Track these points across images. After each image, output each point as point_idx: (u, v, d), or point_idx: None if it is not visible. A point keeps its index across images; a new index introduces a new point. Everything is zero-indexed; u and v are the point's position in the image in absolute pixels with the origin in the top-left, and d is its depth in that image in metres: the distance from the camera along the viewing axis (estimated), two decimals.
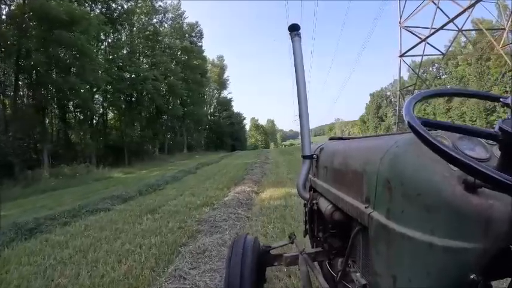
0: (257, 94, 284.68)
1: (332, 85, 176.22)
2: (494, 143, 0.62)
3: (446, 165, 0.63)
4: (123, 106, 21.62)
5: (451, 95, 0.81)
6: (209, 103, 48.23)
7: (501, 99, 0.64)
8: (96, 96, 19.48)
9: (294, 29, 1.49)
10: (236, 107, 78.27)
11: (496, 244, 0.58)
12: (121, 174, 15.07)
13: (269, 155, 18.77)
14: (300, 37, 1.52)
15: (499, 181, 0.46)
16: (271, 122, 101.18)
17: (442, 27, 17.55)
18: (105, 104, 20.13)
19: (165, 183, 8.23)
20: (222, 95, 50.97)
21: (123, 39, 22.97)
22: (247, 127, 68.02)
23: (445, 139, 0.70)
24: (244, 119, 57.23)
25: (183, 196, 6.09)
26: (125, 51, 22.31)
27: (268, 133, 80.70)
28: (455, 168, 0.62)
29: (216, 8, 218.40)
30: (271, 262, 1.66)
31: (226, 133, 47.08)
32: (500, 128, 0.56)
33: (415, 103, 0.67)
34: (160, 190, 7.42)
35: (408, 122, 0.60)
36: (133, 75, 20.63)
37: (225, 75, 50.53)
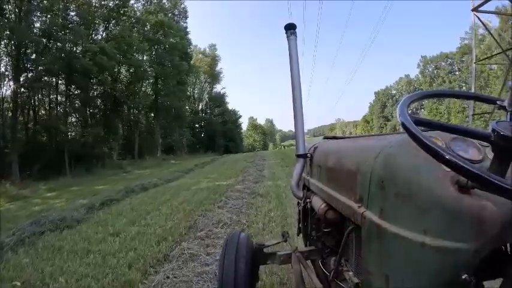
0: (257, 94, 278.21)
1: (333, 85, 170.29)
2: (488, 144, 0.62)
3: (439, 166, 0.62)
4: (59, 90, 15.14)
5: (449, 96, 0.79)
6: (199, 98, 41.77)
7: (497, 102, 0.63)
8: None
9: (290, 27, 1.55)
10: (234, 107, 70.47)
11: (488, 245, 0.57)
12: (6, 200, 8.62)
13: (265, 164, 12.30)
14: (296, 36, 1.58)
15: (490, 182, 0.45)
16: (270, 122, 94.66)
17: None
18: (20, 88, 13.60)
19: None
20: (215, 89, 44.33)
21: None
22: (244, 126, 61.06)
23: (439, 140, 0.67)
24: (240, 117, 50.08)
25: None
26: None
27: (266, 133, 73.71)
28: (449, 169, 0.61)
29: (218, 8, 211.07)
30: (264, 260, 1.63)
31: (218, 132, 40.35)
32: (494, 130, 0.55)
33: (410, 103, 0.66)
34: None
35: (402, 122, 0.59)
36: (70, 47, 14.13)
37: (218, 67, 43.85)
